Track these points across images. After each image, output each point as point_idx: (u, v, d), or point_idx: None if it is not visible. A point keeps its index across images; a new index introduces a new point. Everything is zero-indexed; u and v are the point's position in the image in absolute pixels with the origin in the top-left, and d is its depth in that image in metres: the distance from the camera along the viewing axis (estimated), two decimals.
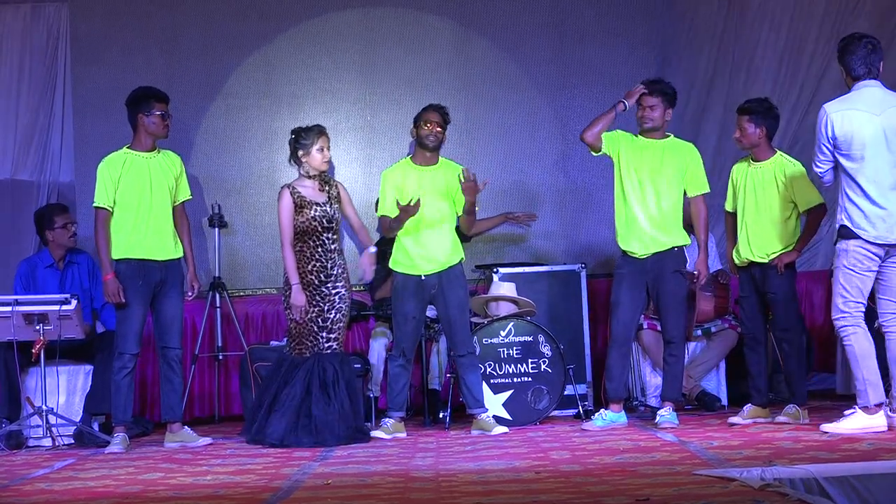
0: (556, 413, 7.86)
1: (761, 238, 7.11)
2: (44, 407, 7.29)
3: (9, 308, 7.22)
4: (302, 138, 7.21)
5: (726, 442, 6.21)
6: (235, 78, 9.05)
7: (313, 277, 7.11)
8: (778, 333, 7.23)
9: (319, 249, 7.14)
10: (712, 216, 8.82)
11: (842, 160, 6.36)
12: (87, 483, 5.70)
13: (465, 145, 8.95)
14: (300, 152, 7.21)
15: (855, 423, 6.27)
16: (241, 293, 8.93)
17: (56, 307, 7.23)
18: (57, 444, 7.43)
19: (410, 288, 7.27)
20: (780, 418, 7.01)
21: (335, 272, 7.15)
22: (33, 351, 7.27)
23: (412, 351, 7.39)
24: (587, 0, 9.15)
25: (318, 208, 7.14)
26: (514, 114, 9.07)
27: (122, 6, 9.02)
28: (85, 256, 8.06)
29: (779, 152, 7.23)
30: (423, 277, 7.27)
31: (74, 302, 7.26)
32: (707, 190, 7.26)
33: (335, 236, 7.19)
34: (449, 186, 7.30)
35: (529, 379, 7.64)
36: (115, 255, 7.14)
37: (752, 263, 7.15)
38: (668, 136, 7.26)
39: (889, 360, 6.44)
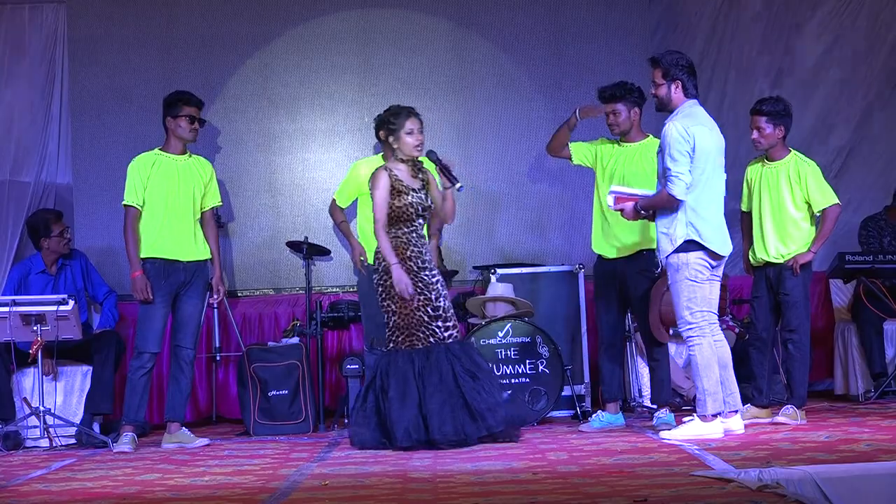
0: (553, 414, 7.87)
1: (777, 238, 7.10)
2: (41, 408, 7.29)
3: (6, 309, 7.22)
4: (391, 122, 6.91)
5: (724, 443, 6.21)
6: (233, 80, 9.04)
7: (412, 264, 6.78)
8: (785, 334, 7.19)
9: (414, 235, 6.84)
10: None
11: (695, 174, 6.48)
12: (84, 484, 5.70)
13: (462, 145, 8.95)
14: (391, 138, 6.93)
15: (691, 430, 6.45)
16: (239, 294, 8.93)
17: (53, 308, 7.23)
18: (54, 444, 7.43)
19: None
20: (778, 419, 7.01)
21: (429, 258, 6.88)
22: (31, 351, 7.28)
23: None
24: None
25: (415, 195, 6.84)
26: (512, 113, 9.06)
27: (120, 8, 9.01)
28: (77, 259, 8.06)
29: (793, 151, 7.21)
30: None
31: (72, 303, 7.26)
32: None
33: (424, 222, 6.95)
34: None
35: (527, 380, 7.64)
36: (141, 254, 7.17)
37: (766, 264, 7.15)
38: (647, 136, 7.28)
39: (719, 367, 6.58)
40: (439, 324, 6.76)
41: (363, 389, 6.87)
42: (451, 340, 6.77)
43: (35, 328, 7.24)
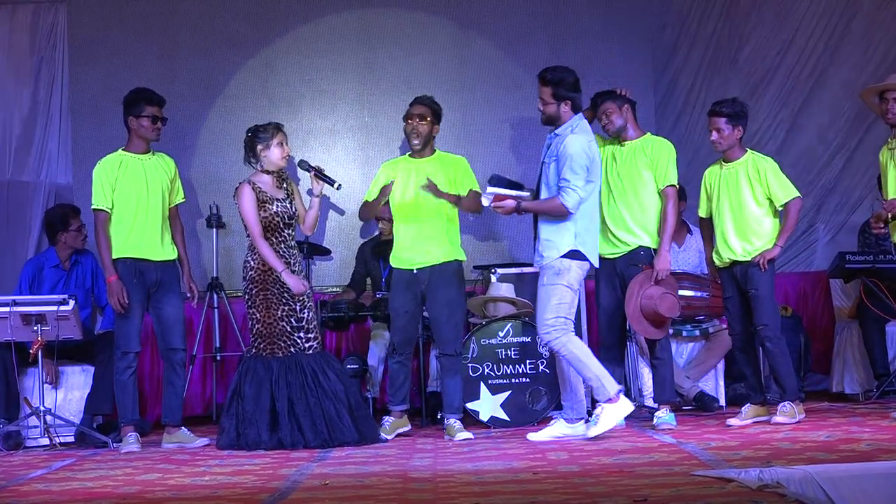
0: (554, 414, 7.85)
1: (738, 238, 7.10)
2: (41, 407, 7.30)
3: (6, 309, 7.22)
4: (261, 132, 7.19)
5: (724, 443, 6.22)
6: (234, 79, 9.04)
7: (279, 274, 7.06)
8: (760, 332, 7.18)
9: (283, 246, 7.09)
10: None
11: (587, 188, 6.68)
12: (84, 483, 5.70)
13: (463, 146, 8.94)
14: (259, 146, 7.17)
15: (609, 418, 6.59)
16: (239, 294, 8.91)
17: (54, 308, 7.24)
18: (54, 443, 7.42)
19: (402, 282, 7.25)
20: (776, 419, 6.98)
21: (297, 269, 7.12)
22: (31, 351, 7.28)
23: (406, 346, 7.32)
24: None
25: (279, 204, 7.10)
26: (512, 114, 9.06)
27: (121, 7, 9.02)
28: (89, 256, 8.09)
29: (749, 151, 7.21)
30: (414, 271, 7.24)
31: (72, 302, 7.26)
32: (672, 182, 7.19)
33: (293, 233, 7.18)
34: (446, 179, 7.28)
35: (527, 380, 7.63)
36: (113, 254, 7.15)
37: (733, 263, 7.15)
38: (646, 133, 7.29)
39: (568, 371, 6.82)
40: (301, 335, 7.05)
41: (229, 395, 7.12)
42: (311, 352, 7.05)
43: (35, 328, 7.24)
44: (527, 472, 5.43)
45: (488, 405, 7.55)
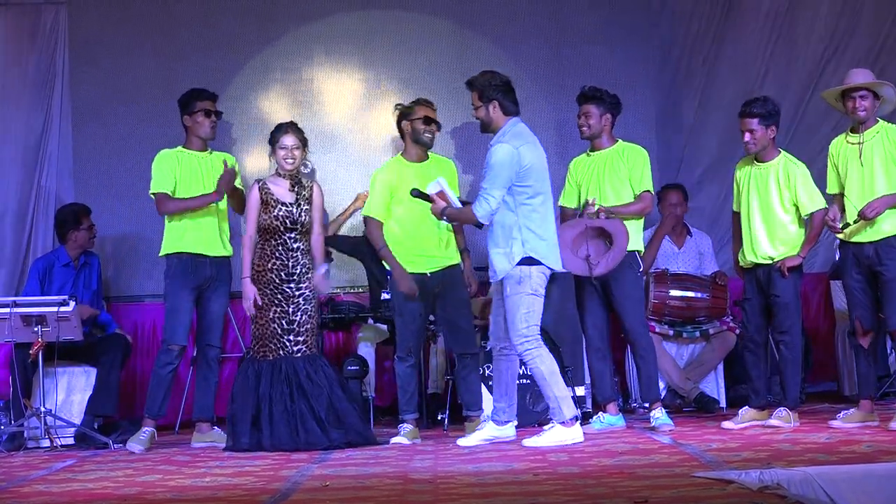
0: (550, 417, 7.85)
1: (767, 240, 7.04)
2: (42, 409, 7.30)
3: (7, 310, 7.23)
4: (271, 136, 7.18)
5: (724, 444, 6.22)
6: (234, 81, 9.04)
7: (273, 276, 7.04)
8: (777, 336, 7.18)
9: (280, 248, 7.06)
10: (719, 219, 8.86)
11: (527, 193, 6.58)
12: (85, 485, 5.71)
13: (464, 147, 8.94)
14: (271, 151, 7.18)
15: (554, 437, 6.52)
16: (239, 294, 8.90)
17: (54, 309, 7.24)
18: (55, 444, 7.42)
19: (417, 286, 7.19)
20: (771, 422, 6.96)
21: (297, 271, 7.07)
22: (31, 352, 7.28)
23: (420, 350, 7.37)
24: (587, 0, 9.16)
25: (284, 208, 7.06)
26: None
27: (121, 8, 9.02)
28: (96, 259, 8.13)
29: (783, 153, 7.16)
30: (427, 275, 7.21)
31: (73, 304, 7.27)
32: (648, 188, 7.21)
33: (299, 236, 7.10)
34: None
35: (528, 381, 7.61)
36: (168, 249, 7.24)
37: (756, 265, 7.10)
38: (617, 141, 7.27)
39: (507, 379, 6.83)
40: (290, 337, 7.03)
41: (230, 397, 7.13)
42: (299, 355, 7.01)
43: (36, 329, 7.24)
44: (527, 473, 5.43)
45: (489, 407, 7.53)
